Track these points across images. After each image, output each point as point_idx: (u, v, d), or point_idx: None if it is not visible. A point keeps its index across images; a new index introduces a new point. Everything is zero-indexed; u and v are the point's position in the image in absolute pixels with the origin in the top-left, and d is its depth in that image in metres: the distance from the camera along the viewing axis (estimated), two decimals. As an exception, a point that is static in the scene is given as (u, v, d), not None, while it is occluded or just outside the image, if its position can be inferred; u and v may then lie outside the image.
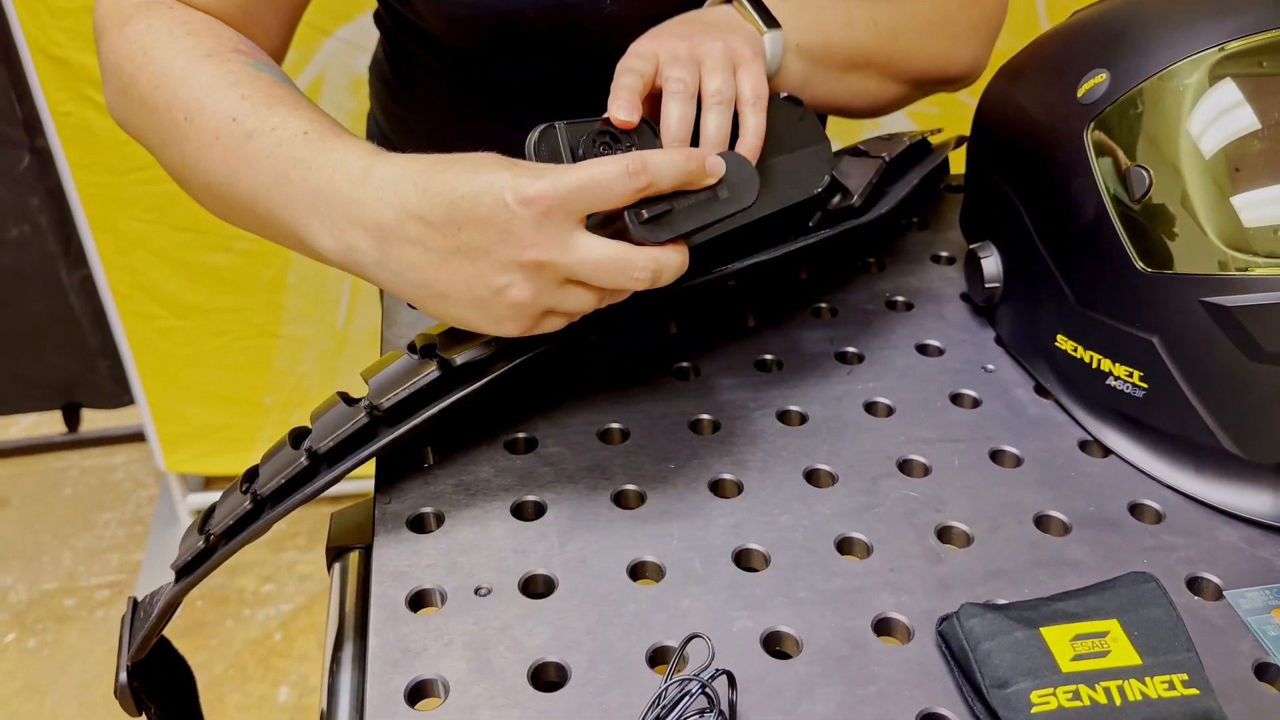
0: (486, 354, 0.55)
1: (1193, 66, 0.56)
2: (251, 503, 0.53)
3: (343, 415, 0.53)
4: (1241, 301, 0.53)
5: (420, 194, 0.50)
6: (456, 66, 0.79)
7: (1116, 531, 0.56)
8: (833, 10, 0.71)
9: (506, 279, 0.49)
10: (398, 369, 0.54)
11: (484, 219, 0.48)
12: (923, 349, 0.70)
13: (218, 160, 0.56)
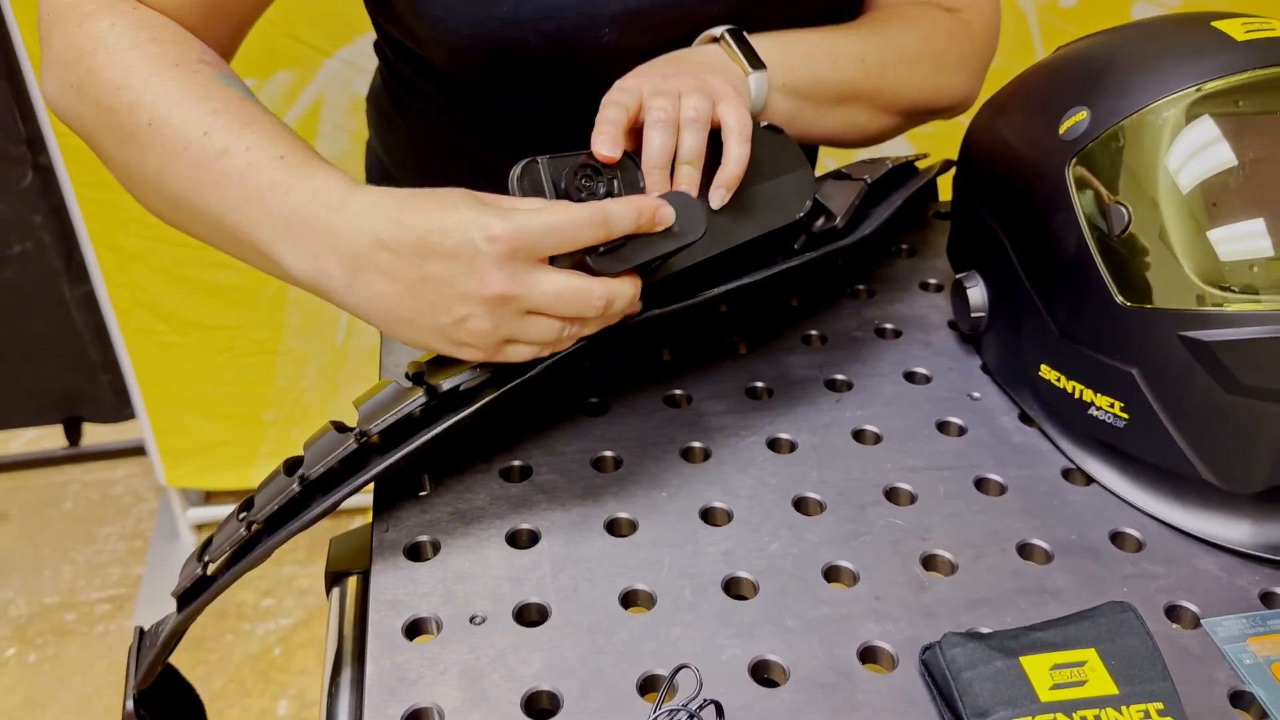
0: (474, 381, 0.56)
1: (1171, 105, 0.58)
2: (247, 530, 0.54)
3: (333, 442, 0.55)
4: (1218, 336, 0.55)
5: (392, 225, 0.52)
6: (456, 95, 0.81)
7: (1098, 560, 0.57)
8: (820, 48, 0.73)
9: (467, 310, 0.52)
10: (386, 396, 0.56)
11: (450, 253, 0.51)
12: (910, 376, 0.72)
13: (183, 172, 0.57)
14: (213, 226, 0.58)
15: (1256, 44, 0.58)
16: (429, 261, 0.52)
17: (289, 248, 0.55)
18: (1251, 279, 0.56)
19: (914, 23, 0.78)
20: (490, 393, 0.56)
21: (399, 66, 0.85)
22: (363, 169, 1.54)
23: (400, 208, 0.53)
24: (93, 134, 0.62)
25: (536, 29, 0.69)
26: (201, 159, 0.56)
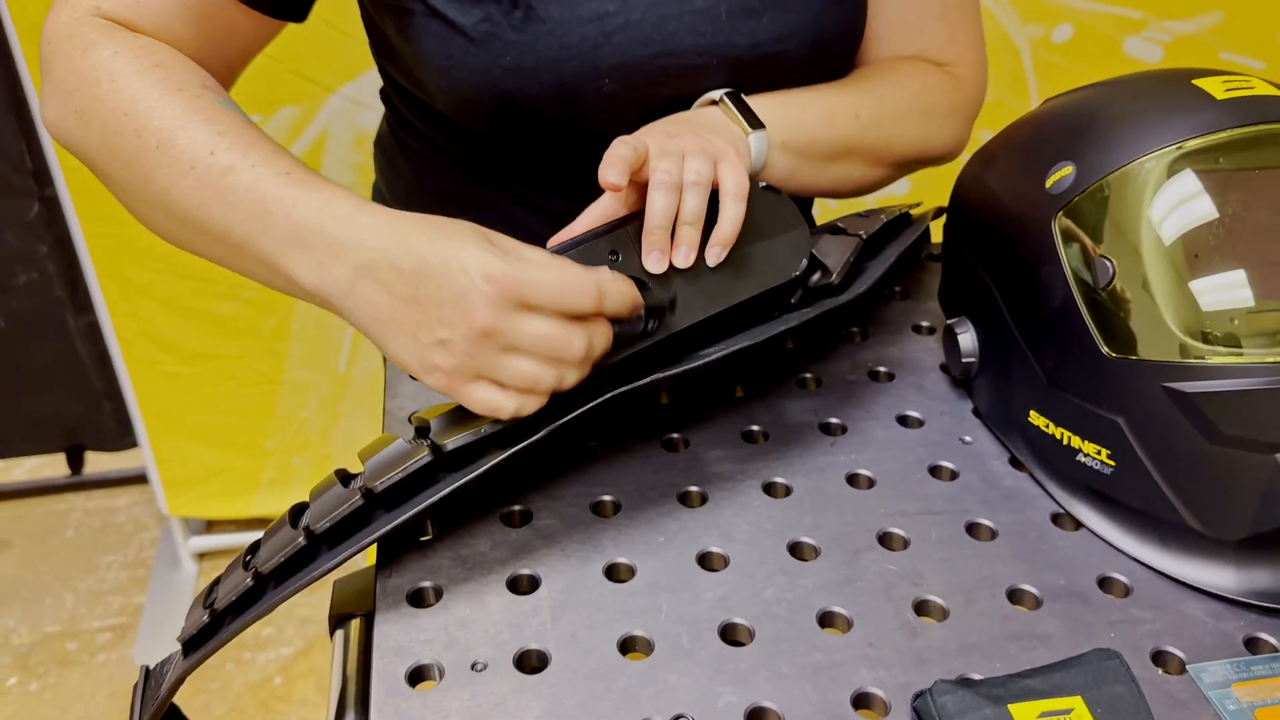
0: (477, 439, 0.58)
1: (1153, 162, 0.60)
2: (253, 580, 0.55)
3: (339, 498, 0.56)
4: (1200, 388, 0.56)
5: (399, 243, 0.55)
6: (459, 141, 0.83)
7: (1086, 605, 0.59)
8: (816, 106, 0.75)
9: (448, 334, 0.54)
10: (392, 453, 0.57)
11: (445, 280, 0.54)
12: (903, 420, 0.73)
13: (190, 190, 0.59)
14: (218, 240, 0.60)
15: (1235, 103, 0.60)
16: (424, 284, 0.54)
17: (295, 256, 0.57)
18: (1233, 331, 0.57)
19: (904, 77, 0.81)
20: (495, 454, 0.58)
21: (403, 112, 0.87)
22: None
23: (409, 228, 0.56)
24: (96, 158, 0.64)
25: (539, 79, 0.71)
26: (208, 177, 0.59)
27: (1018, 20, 1.59)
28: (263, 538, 0.60)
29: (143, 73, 0.62)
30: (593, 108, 0.74)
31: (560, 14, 0.70)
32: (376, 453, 0.58)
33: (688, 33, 0.73)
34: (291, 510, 0.59)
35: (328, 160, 1.56)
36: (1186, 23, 1.61)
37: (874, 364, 0.78)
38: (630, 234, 0.62)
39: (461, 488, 0.57)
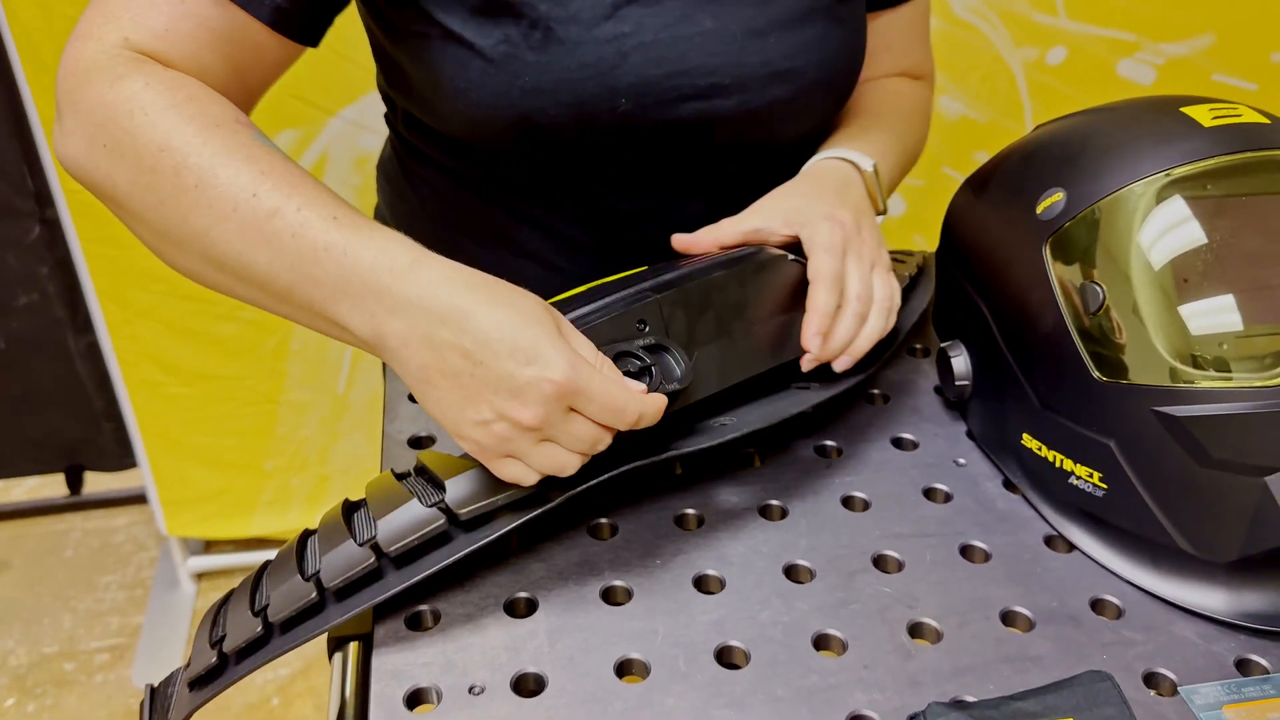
0: (493, 508, 0.58)
1: (1142, 189, 0.60)
2: (263, 628, 0.56)
3: (351, 557, 0.57)
4: (1189, 412, 0.57)
5: (463, 314, 0.54)
6: (470, 165, 0.84)
7: (1078, 627, 0.59)
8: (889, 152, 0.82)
9: (490, 416, 0.55)
10: (408, 518, 0.57)
11: (506, 369, 0.54)
12: (898, 443, 0.74)
13: (233, 233, 0.57)
14: (261, 286, 0.59)
15: (1222, 130, 0.61)
16: (485, 364, 0.54)
17: (346, 307, 0.56)
18: (1222, 355, 0.58)
19: (911, 102, 0.90)
20: (508, 518, 0.58)
21: (409, 137, 0.88)
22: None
23: (476, 297, 0.55)
24: (125, 195, 0.60)
25: (556, 99, 0.73)
26: (251, 220, 0.57)
27: (1011, 43, 1.60)
28: (270, 570, 0.60)
29: (177, 106, 0.60)
30: (608, 128, 0.75)
31: (578, 35, 0.71)
32: (386, 499, 0.59)
33: (699, 53, 0.74)
34: (298, 542, 0.60)
35: (328, 182, 1.57)
36: (1179, 45, 1.63)
37: (869, 386, 0.79)
38: (659, 305, 0.63)
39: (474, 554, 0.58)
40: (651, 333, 0.62)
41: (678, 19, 0.74)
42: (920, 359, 0.83)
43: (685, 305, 0.64)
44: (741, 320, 0.67)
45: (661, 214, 0.82)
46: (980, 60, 1.61)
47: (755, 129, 0.79)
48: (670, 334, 0.63)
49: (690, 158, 0.80)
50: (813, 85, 0.79)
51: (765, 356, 0.68)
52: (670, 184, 0.82)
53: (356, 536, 0.58)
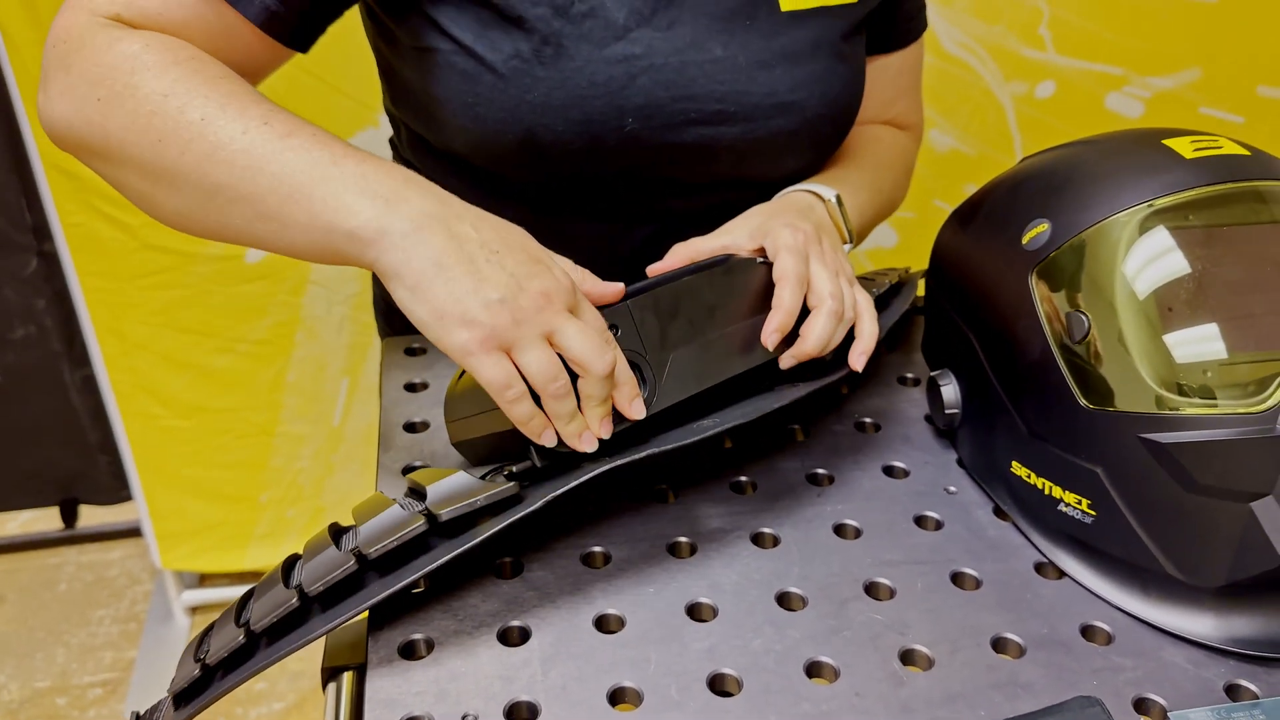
0: (472, 509, 0.59)
1: (1126, 219, 0.61)
2: (245, 636, 0.56)
3: (332, 561, 0.57)
4: (1175, 439, 0.58)
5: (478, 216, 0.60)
6: (474, 184, 0.85)
7: (1069, 653, 0.59)
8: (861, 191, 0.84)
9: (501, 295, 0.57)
10: (388, 520, 0.58)
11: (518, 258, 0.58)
12: (889, 470, 0.74)
13: (239, 153, 0.58)
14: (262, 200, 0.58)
15: (1203, 162, 0.62)
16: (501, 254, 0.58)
17: (354, 198, 0.57)
18: (1206, 382, 0.59)
19: (893, 150, 0.92)
20: (490, 523, 0.59)
21: (413, 161, 0.89)
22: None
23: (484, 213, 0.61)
24: (118, 143, 0.61)
25: (565, 115, 0.74)
26: (261, 140, 0.58)
27: (1001, 77, 1.62)
28: (256, 589, 0.60)
29: (179, 62, 0.61)
30: (614, 148, 0.77)
31: (589, 53, 0.73)
32: (371, 513, 0.59)
33: (707, 80, 0.76)
34: (284, 564, 0.60)
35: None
36: (1166, 79, 1.65)
37: (860, 415, 0.80)
38: (630, 310, 0.64)
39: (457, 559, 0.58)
40: (624, 339, 0.63)
41: (688, 45, 0.75)
42: (910, 388, 0.84)
43: (656, 310, 0.65)
44: (715, 323, 0.67)
45: (662, 245, 0.83)
46: (970, 94, 1.63)
47: (757, 159, 0.80)
48: (643, 339, 0.64)
49: (691, 185, 0.82)
50: (816, 119, 0.81)
51: (741, 358, 0.68)
52: (670, 212, 0.83)
53: (341, 548, 0.59)
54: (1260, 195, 0.61)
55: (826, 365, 0.72)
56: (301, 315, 1.66)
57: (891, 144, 0.93)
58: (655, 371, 0.64)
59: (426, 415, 0.80)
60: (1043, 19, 1.59)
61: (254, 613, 0.57)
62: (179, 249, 1.57)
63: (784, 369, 0.70)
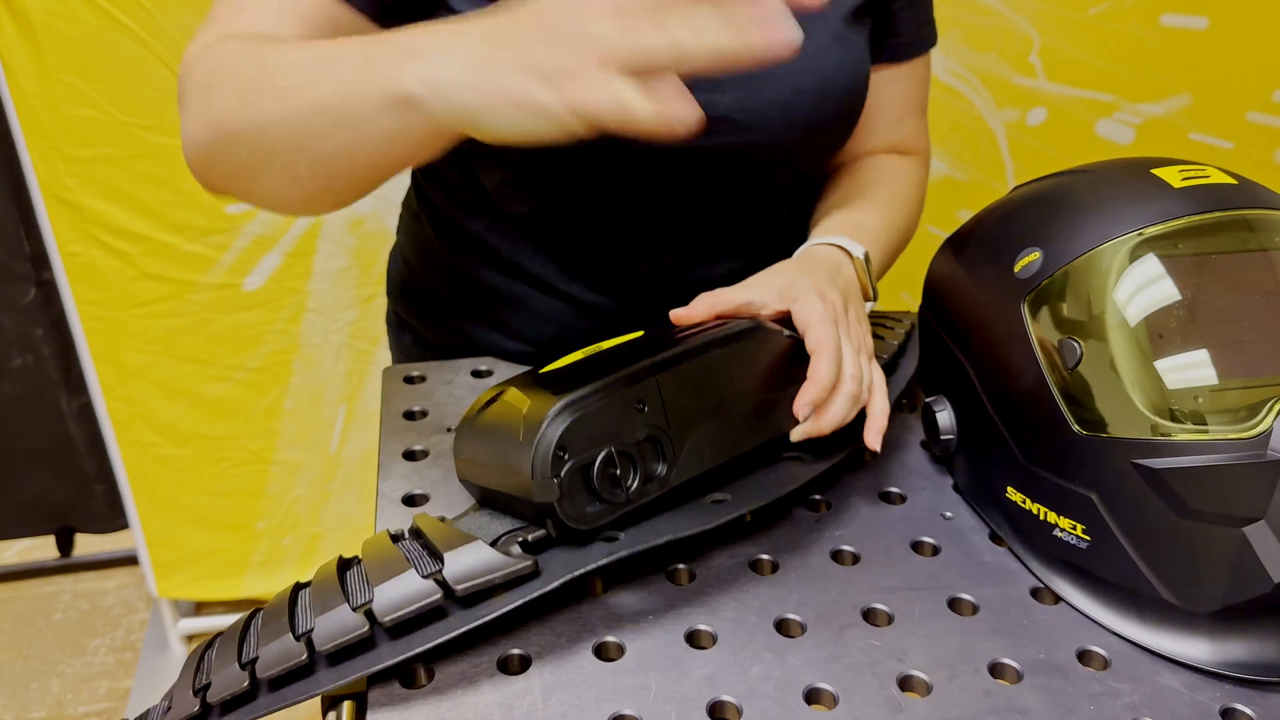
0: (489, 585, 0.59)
1: (1116, 248, 0.62)
2: (250, 683, 0.56)
3: (345, 624, 0.57)
4: (1168, 464, 0.58)
5: None
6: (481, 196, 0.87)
7: (1065, 678, 0.60)
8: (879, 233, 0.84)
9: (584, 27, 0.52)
10: (404, 589, 0.58)
11: None
12: (886, 496, 0.75)
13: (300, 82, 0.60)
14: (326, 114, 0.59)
15: (1191, 191, 0.63)
16: None
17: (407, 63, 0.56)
18: (1198, 408, 0.59)
19: (903, 181, 0.92)
20: (503, 596, 0.59)
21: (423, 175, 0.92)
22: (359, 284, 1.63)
23: None
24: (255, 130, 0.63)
25: None
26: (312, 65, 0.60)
27: (993, 105, 1.64)
28: (259, 621, 0.60)
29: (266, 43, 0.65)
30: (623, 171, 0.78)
31: None
32: (381, 557, 0.60)
33: None
34: (291, 596, 0.61)
35: (322, 243, 1.60)
36: (1156, 105, 1.67)
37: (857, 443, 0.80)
38: (658, 385, 0.64)
39: None
40: (650, 414, 0.63)
41: None
42: (906, 414, 0.84)
43: (683, 385, 0.64)
44: (735, 395, 0.67)
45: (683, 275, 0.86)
46: (963, 122, 1.65)
47: (752, 134, 0.80)
48: (668, 416, 0.64)
49: (687, 172, 0.82)
50: (813, 98, 0.80)
51: (757, 432, 0.69)
52: (673, 209, 0.84)
53: (351, 598, 0.59)
54: (1249, 224, 0.62)
55: (833, 437, 0.72)
56: (299, 343, 1.67)
57: (904, 175, 0.93)
58: (675, 447, 0.64)
59: (426, 443, 0.80)
60: (1033, 47, 1.61)
61: (261, 659, 0.57)
62: (177, 278, 1.58)
63: (794, 441, 0.70)
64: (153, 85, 1.45)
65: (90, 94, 1.45)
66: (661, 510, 0.65)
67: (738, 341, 0.68)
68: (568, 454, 0.60)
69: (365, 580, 0.60)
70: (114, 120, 1.47)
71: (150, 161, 1.50)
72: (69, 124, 1.46)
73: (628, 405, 0.62)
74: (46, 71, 1.43)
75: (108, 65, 1.44)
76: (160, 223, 1.54)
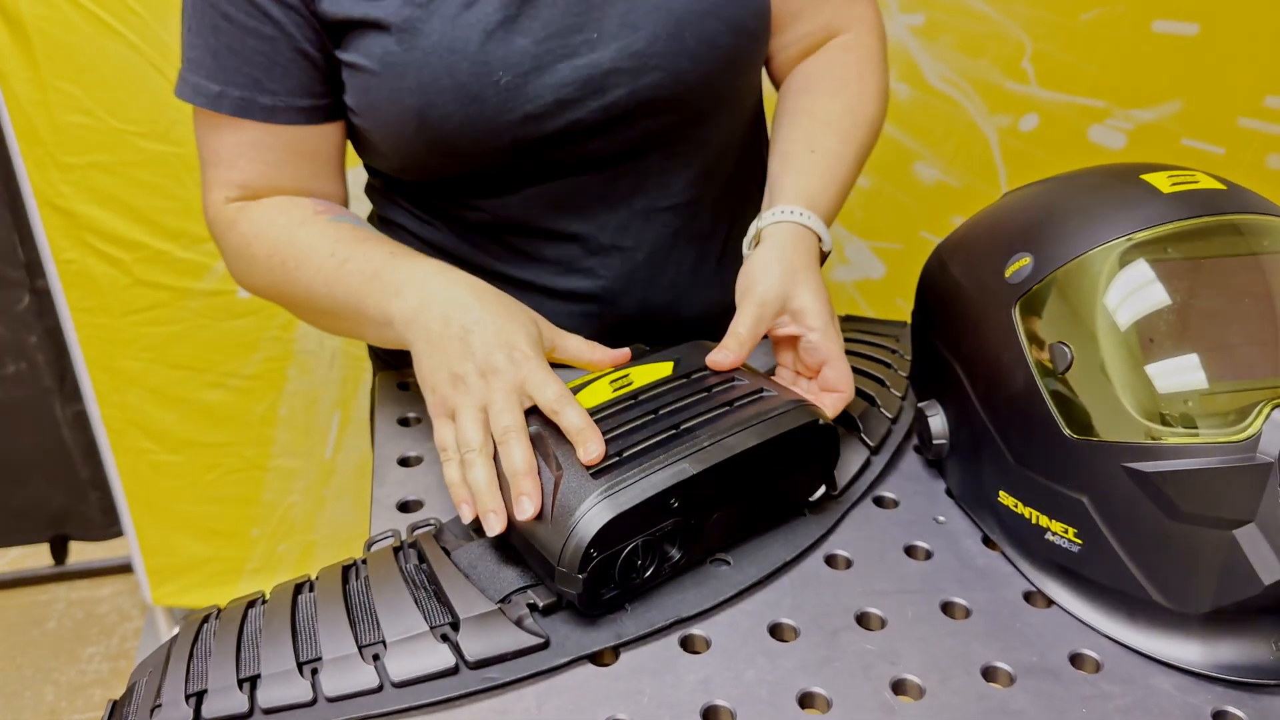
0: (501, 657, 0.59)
1: (1105, 254, 0.63)
2: (249, 708, 0.56)
3: (356, 677, 0.57)
4: (1159, 468, 0.59)
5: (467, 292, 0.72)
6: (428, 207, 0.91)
7: (1058, 681, 0.60)
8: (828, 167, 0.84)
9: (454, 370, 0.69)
10: (418, 652, 0.58)
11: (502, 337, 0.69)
12: (879, 501, 0.75)
13: (321, 284, 0.78)
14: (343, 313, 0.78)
15: (1181, 196, 0.64)
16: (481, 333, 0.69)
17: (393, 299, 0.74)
18: (1188, 412, 0.60)
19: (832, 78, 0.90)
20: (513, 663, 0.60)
21: (381, 198, 0.95)
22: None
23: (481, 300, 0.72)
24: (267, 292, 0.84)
25: (438, 86, 0.77)
26: (331, 270, 0.78)
27: (986, 111, 1.65)
28: (261, 629, 0.60)
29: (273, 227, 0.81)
30: (498, 106, 0.78)
31: (442, 27, 0.77)
32: (389, 590, 0.61)
33: (563, 15, 0.78)
34: (292, 603, 0.61)
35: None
36: (1148, 111, 1.68)
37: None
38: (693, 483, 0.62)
39: None
40: (679, 506, 0.62)
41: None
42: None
43: (719, 477, 0.64)
44: (760, 480, 0.67)
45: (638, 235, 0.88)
46: (955, 128, 1.66)
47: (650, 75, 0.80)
48: (695, 503, 0.63)
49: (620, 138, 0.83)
50: (695, 18, 0.80)
51: (771, 510, 0.70)
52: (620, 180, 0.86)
53: (358, 634, 0.59)
54: (1237, 228, 0.63)
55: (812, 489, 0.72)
56: (293, 350, 1.67)
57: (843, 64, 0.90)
58: (695, 533, 0.65)
59: (420, 450, 0.80)
60: (1025, 53, 1.62)
61: (262, 685, 0.57)
62: (171, 285, 1.58)
63: None
64: (147, 92, 1.45)
65: (85, 101, 1.45)
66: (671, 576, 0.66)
67: (777, 438, 0.66)
68: (598, 552, 0.60)
69: (375, 618, 0.60)
70: (108, 127, 1.47)
71: (145, 168, 1.50)
72: (63, 131, 1.46)
73: (663, 502, 0.62)
74: (40, 78, 1.43)
75: (102, 72, 1.44)
76: (155, 230, 1.54)
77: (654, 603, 0.64)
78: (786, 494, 0.70)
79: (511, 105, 0.78)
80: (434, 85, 0.77)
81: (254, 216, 0.82)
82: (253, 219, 0.82)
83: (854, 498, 0.74)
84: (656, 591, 0.65)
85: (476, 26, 0.77)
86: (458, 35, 0.77)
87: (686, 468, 0.62)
